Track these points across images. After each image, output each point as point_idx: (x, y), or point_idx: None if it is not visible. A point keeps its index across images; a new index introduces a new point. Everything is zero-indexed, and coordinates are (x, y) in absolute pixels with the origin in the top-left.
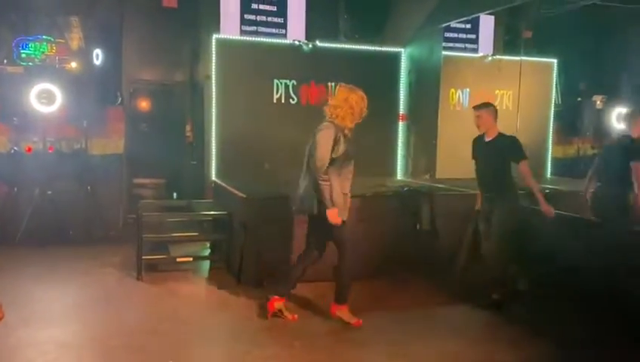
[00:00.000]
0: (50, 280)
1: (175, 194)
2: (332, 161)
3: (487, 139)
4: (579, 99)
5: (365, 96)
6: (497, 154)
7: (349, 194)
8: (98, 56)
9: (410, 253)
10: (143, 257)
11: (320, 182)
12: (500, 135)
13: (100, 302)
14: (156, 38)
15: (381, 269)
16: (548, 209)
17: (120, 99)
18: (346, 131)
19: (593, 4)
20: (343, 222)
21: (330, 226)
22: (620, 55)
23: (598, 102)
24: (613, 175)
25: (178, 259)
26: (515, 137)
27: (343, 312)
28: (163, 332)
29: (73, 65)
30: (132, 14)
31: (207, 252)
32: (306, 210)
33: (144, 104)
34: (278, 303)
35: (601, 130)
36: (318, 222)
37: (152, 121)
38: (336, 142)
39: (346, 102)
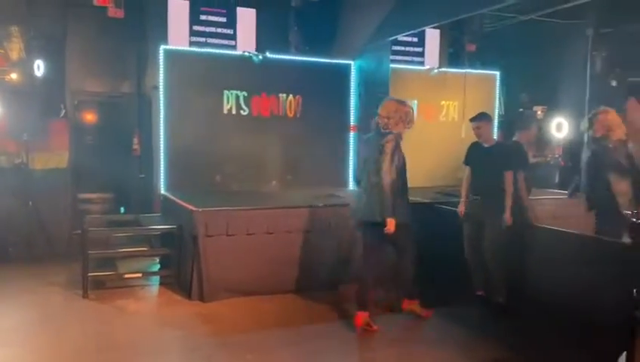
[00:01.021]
0: None
1: (122, 209)
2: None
3: (487, 145)
4: (520, 109)
5: (413, 109)
6: (495, 161)
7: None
8: (39, 67)
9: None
10: (89, 274)
11: (384, 190)
12: (498, 143)
13: (44, 322)
14: (102, 49)
15: (333, 280)
16: (508, 217)
17: (64, 111)
18: (402, 137)
19: (531, 19)
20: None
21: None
22: (558, 67)
23: (539, 112)
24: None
25: (126, 276)
26: (510, 148)
27: (414, 306)
28: (111, 352)
29: (13, 76)
30: (76, 24)
31: (156, 267)
32: (366, 218)
33: (89, 116)
34: (412, 305)
35: (542, 139)
36: (376, 231)
37: (98, 134)
38: (397, 150)
39: (396, 113)
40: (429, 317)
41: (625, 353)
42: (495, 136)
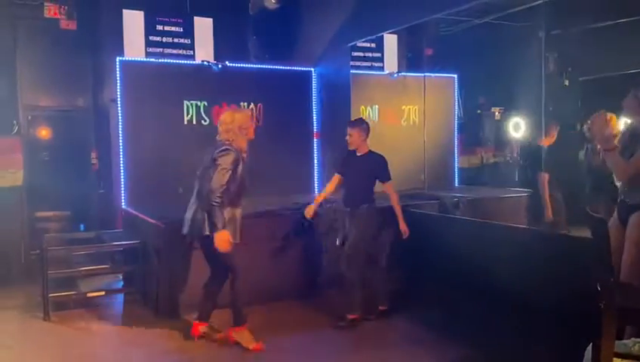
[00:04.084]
0: None
1: (82, 226)
2: (230, 184)
3: (358, 154)
4: (479, 111)
5: (250, 114)
6: (366, 170)
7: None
8: None
9: (332, 268)
10: (50, 295)
11: (214, 203)
12: (371, 152)
13: (4, 349)
14: (55, 62)
15: (303, 289)
16: (404, 229)
17: (16, 128)
18: (244, 154)
19: (485, 23)
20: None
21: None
22: (514, 68)
23: (497, 114)
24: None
25: (89, 295)
26: (383, 157)
27: (242, 334)
28: None
29: None
30: (27, 37)
31: (120, 284)
32: (196, 233)
33: (44, 132)
34: (201, 327)
35: (500, 140)
36: (211, 245)
37: (53, 150)
38: (235, 165)
39: (233, 124)
40: (259, 351)
41: (591, 344)
42: (456, 139)
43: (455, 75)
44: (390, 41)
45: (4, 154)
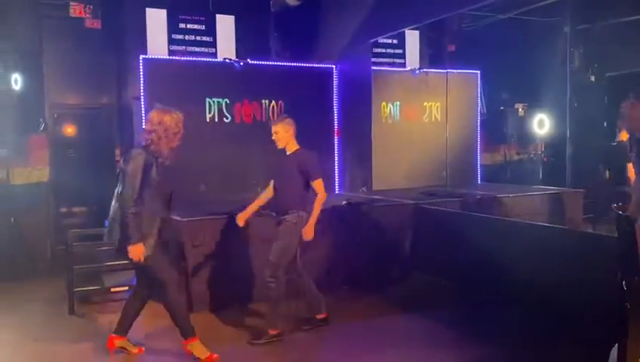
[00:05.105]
0: None
1: (106, 222)
2: (143, 191)
3: (287, 153)
4: (502, 107)
5: (182, 117)
6: (294, 170)
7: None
8: (17, 82)
9: (352, 266)
10: (75, 289)
11: (128, 213)
12: (301, 149)
13: (29, 342)
14: (80, 61)
15: (320, 285)
16: (308, 232)
17: (43, 125)
18: (165, 154)
19: (509, 18)
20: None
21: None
22: (538, 64)
23: (520, 110)
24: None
25: (113, 289)
26: (313, 153)
27: (194, 346)
28: None
29: None
30: (52, 36)
31: None
32: (115, 242)
33: (70, 129)
34: (118, 341)
35: (524, 136)
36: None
37: (79, 147)
38: (147, 169)
39: (160, 125)
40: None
41: (617, 344)
42: (479, 135)
43: (478, 71)
44: (412, 37)
45: (31, 151)
